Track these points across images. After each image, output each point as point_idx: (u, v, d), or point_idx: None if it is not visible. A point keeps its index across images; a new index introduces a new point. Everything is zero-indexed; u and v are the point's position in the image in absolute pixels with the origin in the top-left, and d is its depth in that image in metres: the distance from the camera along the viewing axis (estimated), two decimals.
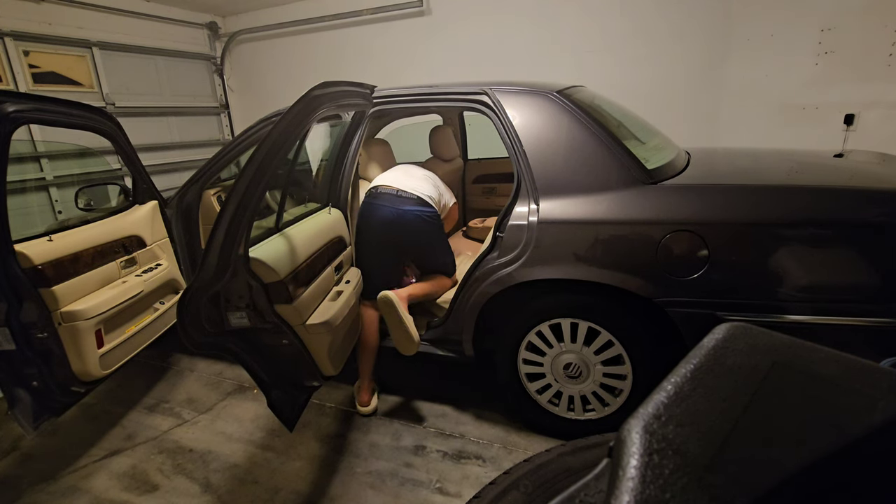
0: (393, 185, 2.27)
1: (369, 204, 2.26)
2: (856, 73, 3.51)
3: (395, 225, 2.20)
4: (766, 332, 0.59)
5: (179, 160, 5.22)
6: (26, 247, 1.90)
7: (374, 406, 2.32)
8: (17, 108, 1.79)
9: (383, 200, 2.23)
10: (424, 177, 2.40)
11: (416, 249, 2.34)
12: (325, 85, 1.68)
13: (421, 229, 2.25)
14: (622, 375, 1.89)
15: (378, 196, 2.25)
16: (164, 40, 5.14)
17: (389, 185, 2.28)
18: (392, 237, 2.24)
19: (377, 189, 2.28)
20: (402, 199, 2.23)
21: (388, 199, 2.23)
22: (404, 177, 2.34)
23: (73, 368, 1.99)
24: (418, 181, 2.34)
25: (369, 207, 2.25)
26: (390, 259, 2.30)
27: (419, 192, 2.27)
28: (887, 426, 0.44)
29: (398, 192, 2.25)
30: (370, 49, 5.09)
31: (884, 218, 1.52)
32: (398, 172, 2.39)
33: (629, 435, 0.44)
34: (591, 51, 4.24)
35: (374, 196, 2.27)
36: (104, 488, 1.95)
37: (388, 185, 2.28)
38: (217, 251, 1.45)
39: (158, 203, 2.65)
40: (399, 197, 2.23)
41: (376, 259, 2.29)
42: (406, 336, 2.07)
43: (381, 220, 2.21)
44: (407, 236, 2.25)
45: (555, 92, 2.00)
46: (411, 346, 2.09)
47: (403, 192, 2.25)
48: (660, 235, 1.69)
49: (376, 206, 2.23)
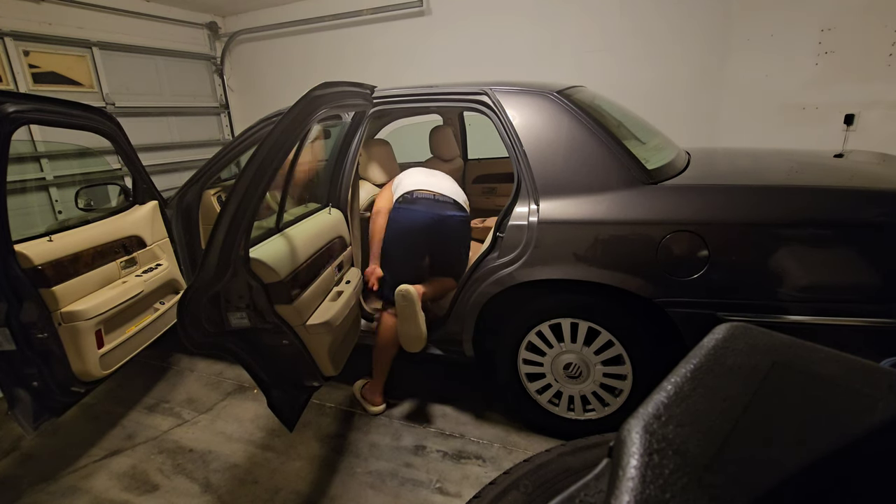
0: (430, 190, 2.24)
1: (408, 210, 2.20)
2: (856, 73, 3.51)
3: (435, 229, 2.18)
4: (766, 332, 0.59)
5: (179, 160, 5.22)
6: (26, 247, 1.90)
7: (384, 406, 2.32)
8: (17, 108, 1.79)
9: (423, 206, 2.19)
10: (448, 179, 2.39)
11: (449, 252, 2.31)
12: (326, 85, 1.68)
13: (459, 233, 2.28)
14: (622, 375, 1.89)
15: (416, 201, 2.20)
16: (164, 40, 5.14)
17: (426, 188, 2.24)
18: (430, 241, 2.22)
19: (413, 194, 2.22)
20: (442, 204, 2.22)
21: (427, 204, 2.20)
22: (434, 179, 2.32)
23: (74, 368, 1.99)
24: (447, 183, 2.34)
25: (408, 213, 2.19)
26: (420, 262, 2.28)
27: (454, 196, 2.27)
28: (887, 426, 0.44)
29: (436, 196, 2.22)
30: (370, 49, 5.09)
31: (884, 218, 1.52)
32: (426, 176, 2.34)
33: (629, 435, 0.44)
34: (591, 51, 4.24)
35: (411, 201, 2.21)
36: (104, 488, 1.95)
37: (425, 188, 2.24)
38: (217, 251, 1.45)
39: (158, 203, 2.65)
40: (438, 202, 2.21)
41: (408, 263, 2.24)
42: (417, 332, 2.07)
43: (423, 224, 2.17)
44: (446, 240, 2.25)
45: (555, 92, 2.01)
46: (419, 342, 2.10)
47: (441, 197, 2.23)
48: (660, 236, 1.69)
49: (415, 212, 2.18)
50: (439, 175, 2.39)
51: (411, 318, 2.06)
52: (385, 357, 2.26)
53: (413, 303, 2.04)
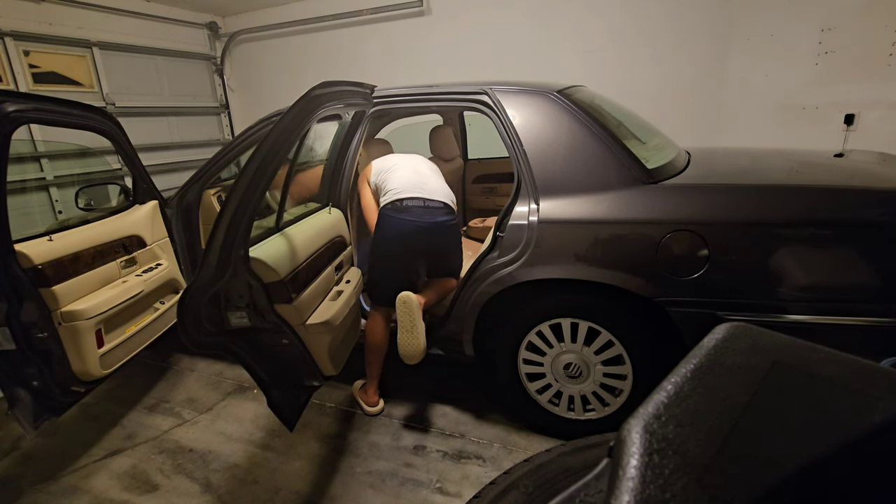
0: (418, 196, 2.15)
1: (398, 219, 2.10)
2: (856, 73, 3.51)
3: (425, 237, 2.13)
4: (766, 332, 0.59)
5: (179, 160, 5.23)
6: (26, 246, 1.90)
7: (382, 406, 2.32)
8: (17, 107, 1.79)
9: (412, 215, 2.11)
10: (432, 172, 2.33)
11: (441, 256, 2.26)
12: (326, 84, 1.68)
13: (450, 238, 2.23)
14: (622, 375, 1.89)
15: (405, 210, 2.11)
16: (165, 40, 5.14)
17: (413, 195, 2.14)
18: (420, 248, 2.17)
19: (403, 202, 2.12)
20: (432, 211, 2.14)
21: (417, 212, 2.12)
22: (419, 178, 2.23)
23: (74, 368, 1.99)
24: (433, 180, 2.27)
25: (399, 223, 2.10)
26: (410, 266, 2.21)
27: (443, 199, 2.20)
28: (887, 426, 0.44)
29: (425, 202, 2.14)
30: (370, 49, 5.09)
31: (884, 217, 1.52)
32: (412, 174, 2.24)
33: (629, 435, 0.44)
34: (591, 51, 4.24)
35: (400, 210, 2.12)
36: (104, 488, 1.95)
37: (412, 195, 2.14)
38: (217, 251, 1.45)
39: (158, 203, 2.65)
40: (428, 209, 2.13)
41: (395, 268, 2.17)
42: (415, 344, 2.02)
43: (412, 233, 2.10)
44: (437, 246, 2.20)
45: (555, 92, 2.00)
46: (417, 353, 2.03)
47: (430, 202, 2.15)
48: (660, 235, 1.69)
49: (405, 222, 2.10)
50: (424, 170, 2.30)
51: (411, 328, 2.00)
52: (375, 357, 2.24)
53: (413, 311, 2.00)
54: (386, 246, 2.16)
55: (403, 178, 2.22)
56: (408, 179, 2.21)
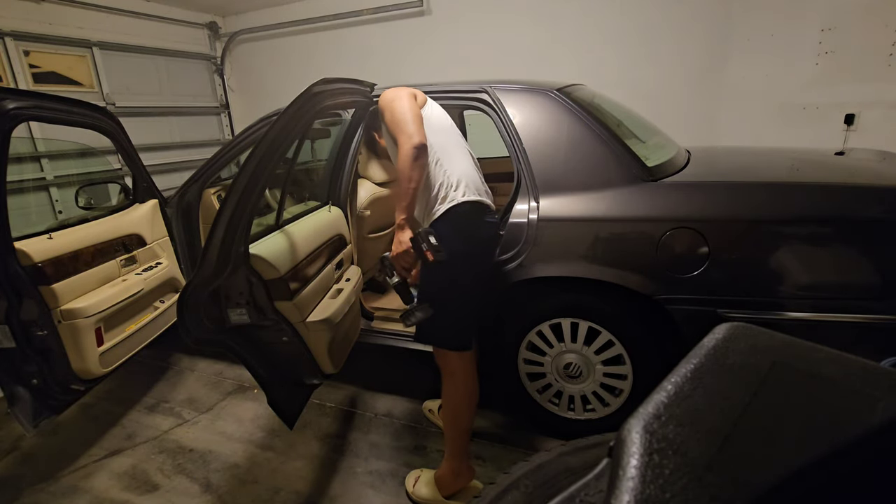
0: (488, 203, 1.72)
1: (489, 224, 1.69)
2: (856, 73, 3.51)
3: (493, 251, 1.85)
4: (766, 332, 0.58)
5: (179, 160, 5.23)
6: (26, 244, 1.90)
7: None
8: (17, 104, 1.79)
9: (490, 228, 1.72)
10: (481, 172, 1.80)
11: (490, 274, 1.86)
12: (325, 81, 1.68)
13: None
14: (622, 375, 1.88)
15: (489, 212, 1.70)
16: (165, 40, 5.14)
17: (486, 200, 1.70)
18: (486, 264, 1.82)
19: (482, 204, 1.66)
20: (496, 221, 1.77)
21: (493, 226, 1.74)
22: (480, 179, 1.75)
23: (73, 366, 1.99)
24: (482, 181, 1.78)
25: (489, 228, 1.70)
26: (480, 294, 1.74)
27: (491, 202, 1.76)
28: (887, 426, 0.43)
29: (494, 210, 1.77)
30: (370, 49, 5.09)
31: (884, 215, 1.52)
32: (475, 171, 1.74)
33: (629, 435, 0.44)
34: (592, 50, 4.24)
35: (487, 212, 1.69)
36: (104, 488, 1.95)
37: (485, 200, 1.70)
38: (217, 247, 1.45)
39: (158, 202, 2.65)
40: (495, 217, 1.76)
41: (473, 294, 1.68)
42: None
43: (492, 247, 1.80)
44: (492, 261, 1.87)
45: (555, 90, 2.00)
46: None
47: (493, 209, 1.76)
48: (660, 233, 1.69)
49: (492, 224, 1.71)
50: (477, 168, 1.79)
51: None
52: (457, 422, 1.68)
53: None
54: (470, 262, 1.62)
55: (467, 166, 1.70)
56: (471, 180, 1.67)
